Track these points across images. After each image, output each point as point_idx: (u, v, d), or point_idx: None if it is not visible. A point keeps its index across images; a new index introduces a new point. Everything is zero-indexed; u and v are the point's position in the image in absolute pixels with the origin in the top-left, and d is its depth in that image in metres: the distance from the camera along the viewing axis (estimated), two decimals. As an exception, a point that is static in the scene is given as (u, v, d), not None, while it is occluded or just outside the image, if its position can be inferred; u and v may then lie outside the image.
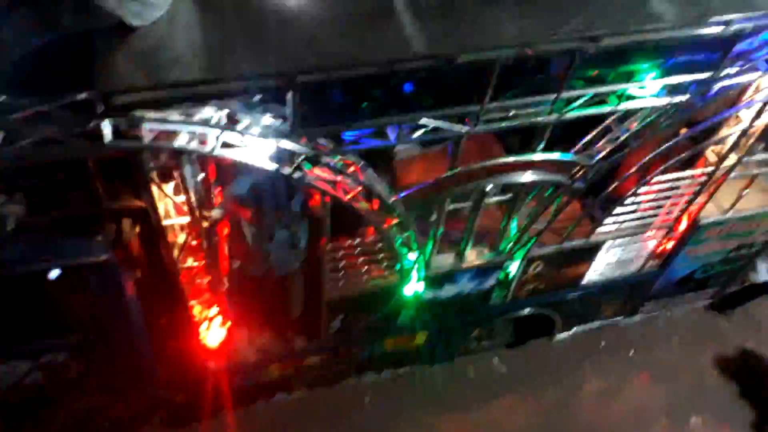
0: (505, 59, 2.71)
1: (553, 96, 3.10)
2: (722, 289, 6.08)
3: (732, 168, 4.24)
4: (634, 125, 3.61)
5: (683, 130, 3.99)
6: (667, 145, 3.79)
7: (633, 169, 3.89)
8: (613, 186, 4.03)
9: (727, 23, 2.92)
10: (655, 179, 4.13)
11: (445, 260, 4.26)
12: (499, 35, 2.74)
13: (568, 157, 3.65)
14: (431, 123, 2.97)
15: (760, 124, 3.90)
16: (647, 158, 3.85)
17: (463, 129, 3.08)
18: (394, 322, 4.56)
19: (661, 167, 4.01)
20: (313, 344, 4.48)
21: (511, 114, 3.10)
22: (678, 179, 4.21)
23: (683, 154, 3.94)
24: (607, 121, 3.72)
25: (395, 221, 3.59)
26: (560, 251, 4.51)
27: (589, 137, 3.80)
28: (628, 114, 3.68)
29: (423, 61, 2.62)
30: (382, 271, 4.04)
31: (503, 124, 3.19)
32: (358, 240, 3.65)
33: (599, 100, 3.29)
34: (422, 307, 4.49)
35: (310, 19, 2.66)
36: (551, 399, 5.55)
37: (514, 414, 5.48)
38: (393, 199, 3.43)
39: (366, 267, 3.91)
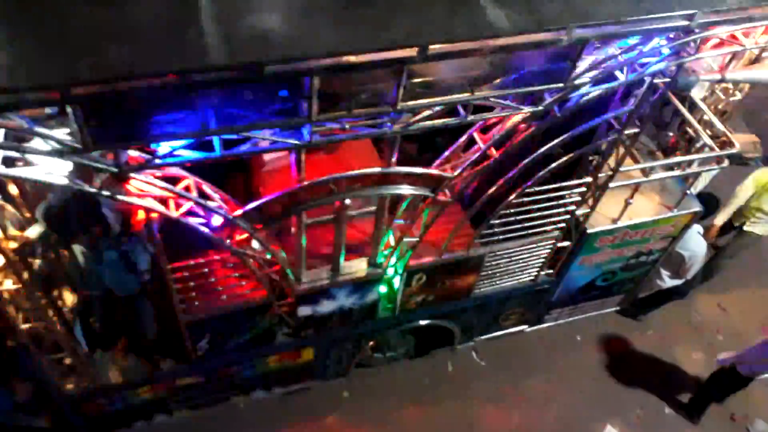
0: (319, 70, 2.53)
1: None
2: (630, 295, 6.05)
3: (610, 178, 4.16)
4: (495, 136, 3.48)
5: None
6: (534, 156, 3.67)
7: (501, 181, 3.77)
8: (487, 197, 3.91)
9: (566, 32, 2.79)
10: (530, 190, 4.03)
11: (319, 275, 4.08)
12: (315, 45, 2.55)
13: (428, 170, 3.51)
14: (255, 136, 2.77)
15: (629, 132, 3.82)
16: (516, 170, 3.74)
17: (294, 142, 2.89)
18: (270, 339, 4.36)
19: (535, 177, 3.90)
20: (182, 366, 4.25)
21: (347, 126, 2.92)
22: (556, 189, 4.11)
23: (554, 164, 3.83)
24: (470, 132, 3.60)
25: (243, 236, 3.39)
26: (443, 263, 4.37)
27: (452, 149, 3.67)
28: (491, 125, 3.57)
29: (222, 73, 2.42)
30: (243, 289, 3.83)
31: (343, 137, 3.02)
32: (206, 259, 3.44)
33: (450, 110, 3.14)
34: (300, 323, 4.29)
35: (104, 25, 2.42)
36: (451, 410, 5.42)
37: (416, 426, 5.34)
38: (236, 213, 3.23)
39: (224, 285, 3.70)
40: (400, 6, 2.75)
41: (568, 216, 4.37)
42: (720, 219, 5.83)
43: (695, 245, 5.32)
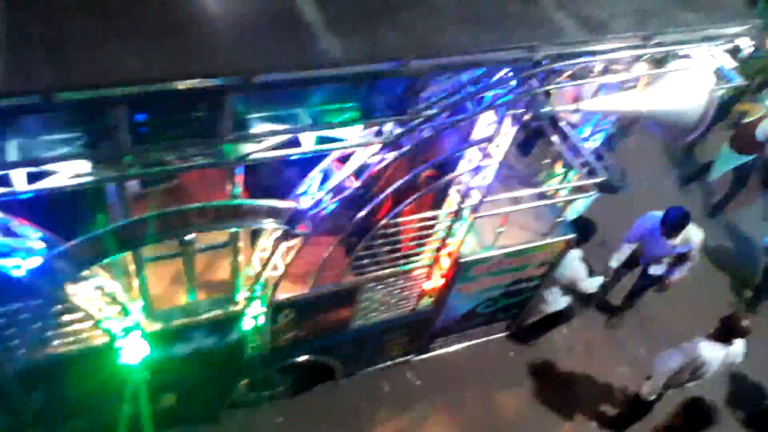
0: (120, 98, 2.28)
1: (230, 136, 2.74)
2: (514, 321, 6.08)
3: (476, 206, 4.12)
4: (350, 168, 3.34)
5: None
6: (396, 185, 3.56)
7: (364, 211, 3.63)
8: (354, 227, 3.75)
9: (404, 64, 2.69)
10: (396, 221, 3.91)
11: (169, 315, 3.75)
12: (118, 71, 2.30)
13: (277, 204, 3.31)
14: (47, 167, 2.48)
15: (488, 163, 3.79)
16: (380, 199, 3.61)
17: (109, 174, 2.61)
18: (118, 388, 3.97)
19: (399, 207, 3.78)
20: (14, 420, 3.78)
21: (167, 158, 2.67)
22: (422, 219, 4.02)
23: (417, 194, 3.74)
24: (325, 163, 3.44)
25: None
26: (313, 297, 4.16)
27: (308, 180, 3.49)
28: (349, 155, 3.43)
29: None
30: (77, 334, 3.46)
31: (170, 169, 2.77)
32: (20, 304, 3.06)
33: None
34: (152, 370, 3.94)
35: None
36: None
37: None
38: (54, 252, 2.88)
39: (50, 332, 3.31)
40: (227, 33, 2.56)
41: (440, 244, 4.29)
42: (614, 262, 5.97)
43: (572, 272, 5.40)
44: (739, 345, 5.02)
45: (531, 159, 5.40)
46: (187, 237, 3.20)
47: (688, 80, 3.83)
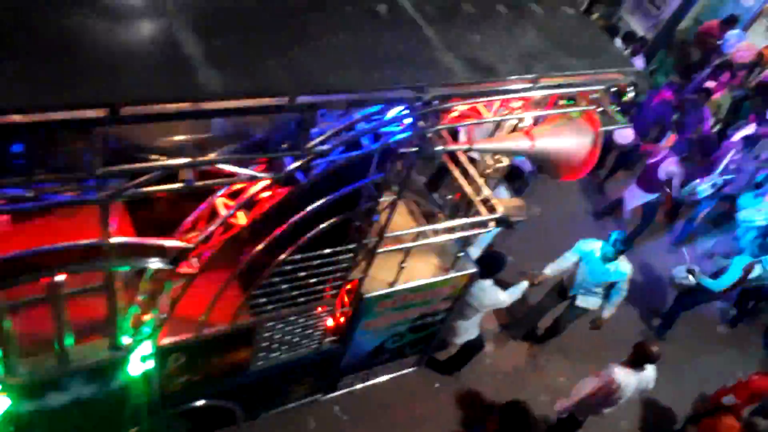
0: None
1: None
2: (424, 355, 6.06)
3: (377, 244, 4.09)
4: (239, 203, 3.22)
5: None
6: (289, 222, 3.47)
7: (253, 249, 3.50)
8: (246, 265, 3.61)
9: (288, 99, 2.64)
10: (294, 257, 3.80)
11: (39, 364, 3.43)
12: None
13: (155, 241, 3.13)
14: None
15: (386, 200, 3.79)
16: (273, 236, 3.50)
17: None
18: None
19: (295, 245, 3.68)
20: None
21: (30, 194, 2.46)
22: (320, 256, 3.92)
23: (313, 231, 3.66)
24: (214, 198, 3.31)
25: None
26: (204, 339, 3.94)
27: (192, 217, 3.34)
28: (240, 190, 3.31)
29: None
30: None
31: (33, 206, 2.55)
32: None
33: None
34: (19, 424, 3.57)
35: None
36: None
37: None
38: None
39: None
40: (97, 63, 2.41)
41: (340, 281, 4.21)
42: (549, 270, 6.17)
43: (489, 296, 5.47)
44: (650, 371, 5.31)
45: (440, 193, 5.48)
46: (57, 278, 2.95)
47: (574, 122, 4.01)
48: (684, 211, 9.28)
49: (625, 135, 8.57)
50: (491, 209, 4.67)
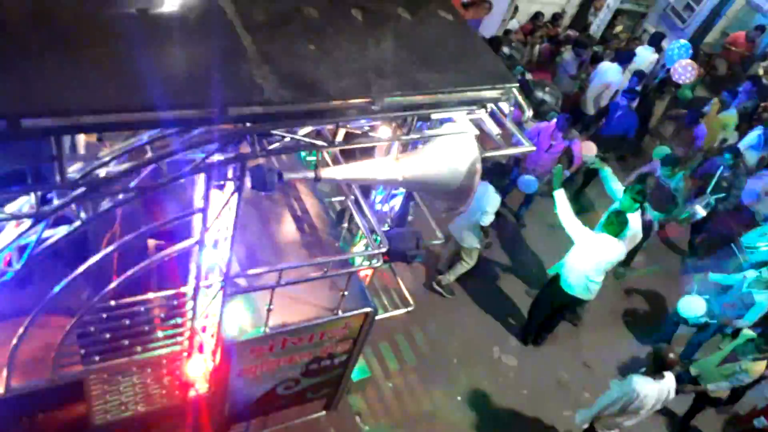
0: None
1: None
2: (332, 399, 5.49)
3: (228, 281, 3.55)
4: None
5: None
6: (91, 261, 2.94)
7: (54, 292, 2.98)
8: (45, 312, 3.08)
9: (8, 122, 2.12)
10: (123, 301, 3.28)
11: None
12: None
13: None
14: None
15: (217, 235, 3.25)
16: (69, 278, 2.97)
17: None
18: None
19: (111, 286, 3.15)
20: None
21: None
22: (144, 301, 3.39)
23: (132, 270, 3.13)
24: None
25: None
26: (12, 398, 3.40)
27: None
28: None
29: None
30: None
31: None
32: None
33: None
34: None
35: None
36: None
37: None
38: None
39: None
40: None
41: (183, 328, 3.67)
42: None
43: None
44: (669, 379, 5.33)
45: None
46: None
47: (449, 146, 3.47)
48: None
49: (588, 148, 8.01)
50: (379, 242, 4.12)
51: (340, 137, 3.22)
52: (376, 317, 5.39)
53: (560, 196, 6.30)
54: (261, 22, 2.93)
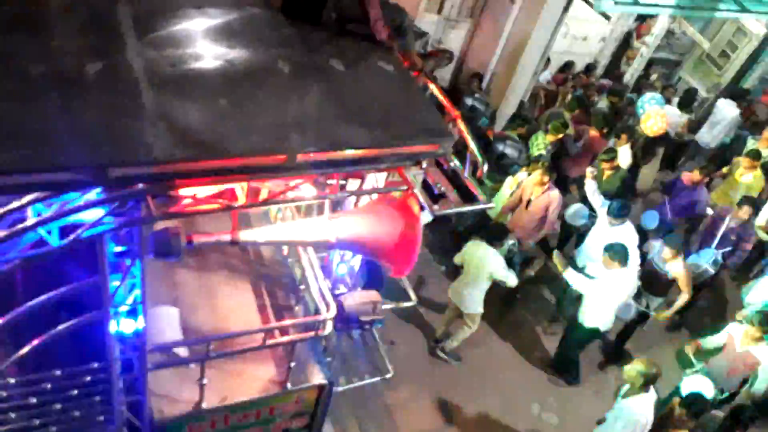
0: None
1: None
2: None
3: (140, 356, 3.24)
4: None
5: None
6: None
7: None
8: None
9: None
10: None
11: None
12: None
13: None
14: None
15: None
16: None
17: None
18: None
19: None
20: None
21: None
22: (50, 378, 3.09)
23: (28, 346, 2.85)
24: None
25: None
26: None
27: None
28: None
29: None
30: None
31: None
32: None
33: None
34: None
35: None
36: None
37: None
38: None
39: None
40: None
41: (103, 408, 3.34)
42: None
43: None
44: (652, 391, 5.11)
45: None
46: None
47: (386, 206, 3.18)
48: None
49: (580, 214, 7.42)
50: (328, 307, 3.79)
51: (264, 194, 2.95)
52: (356, 384, 5.05)
53: (558, 258, 6.04)
54: (171, 77, 2.73)
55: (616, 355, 7.16)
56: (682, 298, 6.47)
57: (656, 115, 8.12)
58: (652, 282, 6.62)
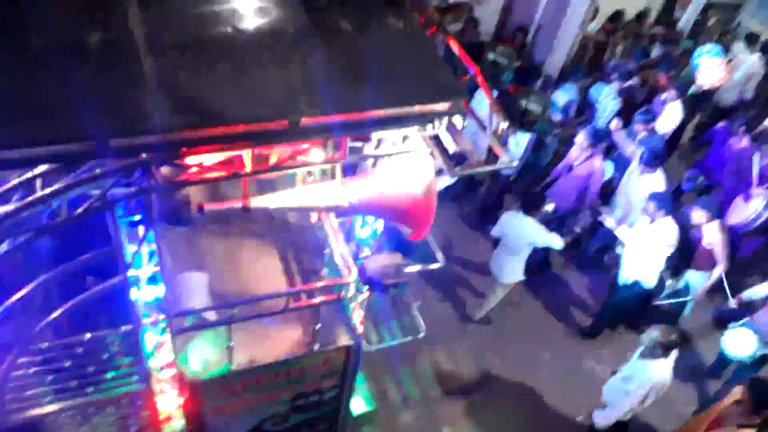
0: None
1: None
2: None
3: (173, 317, 3.34)
4: None
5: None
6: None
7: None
8: None
9: None
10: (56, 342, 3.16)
11: None
12: None
13: None
14: None
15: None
16: None
17: None
18: None
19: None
20: None
21: None
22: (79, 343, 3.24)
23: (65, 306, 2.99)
24: None
25: None
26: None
27: None
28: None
29: None
30: None
31: None
32: None
33: None
34: None
35: None
36: None
37: None
38: None
39: None
40: None
41: (136, 367, 3.50)
42: None
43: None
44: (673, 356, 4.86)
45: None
46: None
47: (402, 167, 3.11)
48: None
49: None
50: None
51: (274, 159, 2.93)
52: (390, 344, 5.09)
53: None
54: (172, 44, 2.71)
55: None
56: (717, 270, 6.01)
57: (716, 66, 7.71)
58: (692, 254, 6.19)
